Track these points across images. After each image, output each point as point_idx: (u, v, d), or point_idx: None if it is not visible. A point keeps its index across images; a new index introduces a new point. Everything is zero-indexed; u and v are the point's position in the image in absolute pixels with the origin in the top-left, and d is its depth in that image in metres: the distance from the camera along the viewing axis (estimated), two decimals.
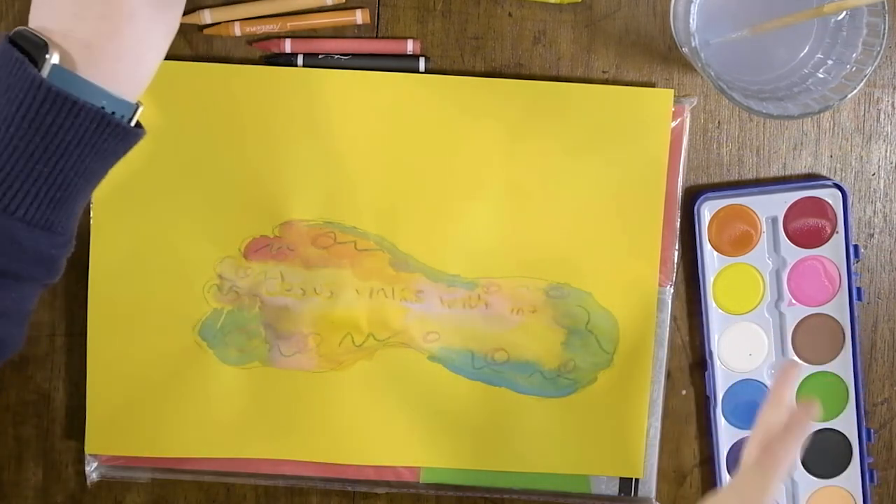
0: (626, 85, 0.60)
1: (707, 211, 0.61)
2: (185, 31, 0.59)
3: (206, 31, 0.58)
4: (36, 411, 0.62)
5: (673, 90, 0.59)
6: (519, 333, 0.60)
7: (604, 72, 0.60)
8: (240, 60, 0.59)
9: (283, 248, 0.60)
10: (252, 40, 0.59)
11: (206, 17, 0.58)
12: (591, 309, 0.60)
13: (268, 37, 0.59)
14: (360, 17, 0.59)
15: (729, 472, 0.63)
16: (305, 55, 0.58)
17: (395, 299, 0.60)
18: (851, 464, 0.63)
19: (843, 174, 0.62)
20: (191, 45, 0.59)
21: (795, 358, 0.62)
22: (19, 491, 0.63)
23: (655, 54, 0.60)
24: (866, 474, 0.63)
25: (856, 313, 0.62)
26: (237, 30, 0.58)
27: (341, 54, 0.59)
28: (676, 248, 0.61)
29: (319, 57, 0.59)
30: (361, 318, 0.60)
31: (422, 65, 0.59)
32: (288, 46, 0.58)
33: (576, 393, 0.61)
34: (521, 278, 0.60)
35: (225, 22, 0.58)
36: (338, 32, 0.59)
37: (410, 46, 0.59)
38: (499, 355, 0.61)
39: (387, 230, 0.59)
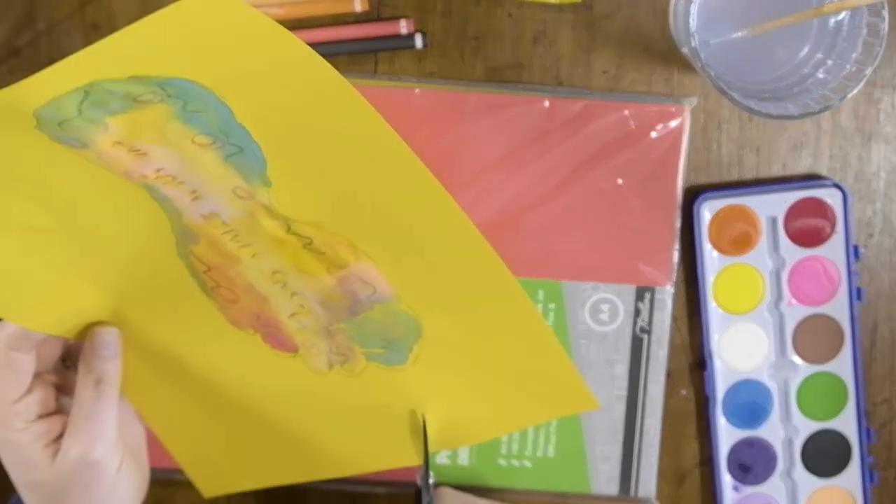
0: (626, 85, 0.60)
1: (707, 211, 0.61)
2: None
3: None
4: None
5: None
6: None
7: (604, 72, 0.60)
8: None
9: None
10: None
11: None
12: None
13: None
14: (358, 4, 0.59)
15: (729, 472, 0.63)
16: None
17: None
18: (851, 464, 0.63)
19: (843, 174, 0.62)
20: None
21: (795, 358, 0.62)
22: None
23: (655, 54, 0.60)
24: (866, 474, 0.63)
25: (856, 313, 0.62)
26: None
27: (336, 41, 0.59)
28: (676, 248, 0.61)
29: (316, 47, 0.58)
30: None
31: (419, 41, 0.59)
32: None
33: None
34: None
35: None
36: (337, 21, 0.59)
37: (404, 26, 0.59)
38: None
39: None
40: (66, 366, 0.52)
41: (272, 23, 0.39)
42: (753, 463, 0.63)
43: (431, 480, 0.57)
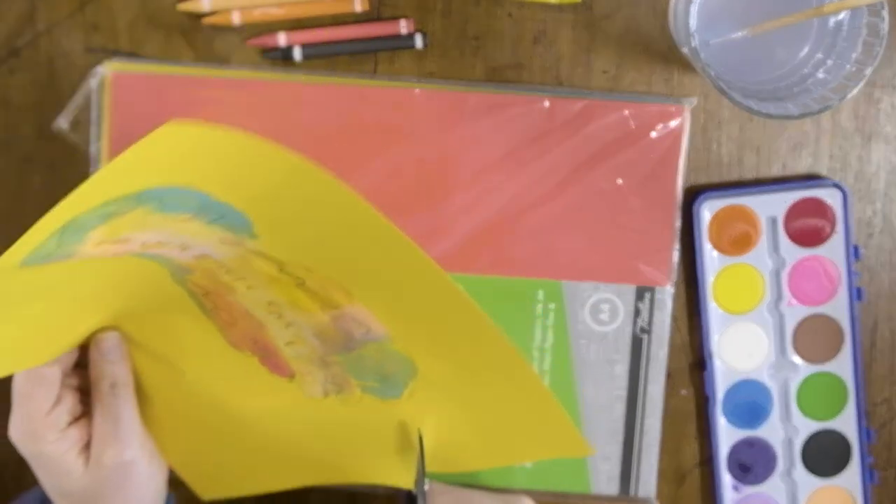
0: (626, 85, 0.60)
1: (707, 211, 0.61)
2: (185, 31, 0.59)
3: (204, 21, 0.58)
4: None
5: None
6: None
7: (604, 72, 0.60)
8: (239, 59, 0.59)
9: None
10: (247, 37, 0.59)
11: (206, 4, 0.58)
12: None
13: (263, 28, 0.59)
14: (358, 4, 0.59)
15: (729, 472, 0.63)
16: (304, 46, 0.58)
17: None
18: (851, 464, 0.63)
19: (843, 174, 0.62)
20: (191, 46, 0.59)
21: (795, 358, 0.62)
22: (21, 491, 0.62)
23: (655, 54, 0.60)
24: (866, 474, 0.63)
25: (856, 313, 0.62)
26: (236, 18, 0.58)
27: (336, 41, 0.59)
28: (676, 248, 0.61)
29: (317, 47, 0.59)
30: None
31: (419, 41, 0.59)
32: (282, 40, 0.58)
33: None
34: None
35: (224, 11, 0.58)
36: (337, 21, 0.59)
37: (404, 26, 0.59)
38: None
39: None
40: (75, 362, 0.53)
41: (240, 136, 0.41)
42: (753, 463, 0.63)
43: (427, 487, 0.58)
